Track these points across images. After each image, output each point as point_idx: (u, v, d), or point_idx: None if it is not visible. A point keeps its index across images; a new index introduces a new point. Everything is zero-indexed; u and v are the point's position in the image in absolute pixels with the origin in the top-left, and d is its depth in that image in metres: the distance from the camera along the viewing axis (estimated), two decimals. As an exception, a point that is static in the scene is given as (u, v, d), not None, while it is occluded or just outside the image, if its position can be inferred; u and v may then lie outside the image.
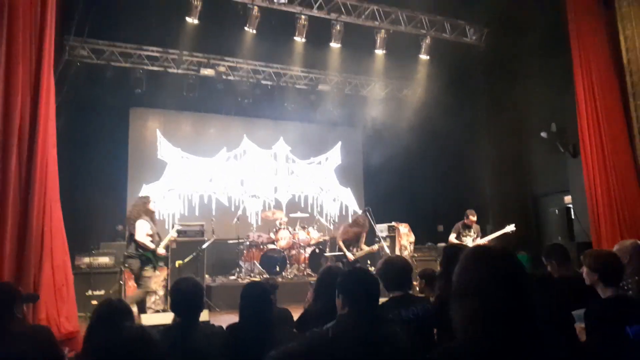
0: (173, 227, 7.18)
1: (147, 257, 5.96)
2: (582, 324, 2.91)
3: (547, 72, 8.88)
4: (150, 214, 6.15)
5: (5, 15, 4.77)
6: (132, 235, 6.04)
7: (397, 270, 3.00)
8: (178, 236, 7.40)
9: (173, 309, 2.58)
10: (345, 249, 7.08)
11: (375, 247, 7.47)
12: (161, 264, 6.78)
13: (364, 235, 7.46)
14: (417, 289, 4.67)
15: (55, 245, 4.85)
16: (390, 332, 2.04)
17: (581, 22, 7.36)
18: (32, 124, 4.79)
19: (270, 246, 9.27)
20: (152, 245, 5.91)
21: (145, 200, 6.24)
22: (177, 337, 2.29)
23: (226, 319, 5.73)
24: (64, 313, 4.76)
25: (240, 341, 2.32)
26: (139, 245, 5.91)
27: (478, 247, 1.57)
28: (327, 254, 8.48)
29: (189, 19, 8.42)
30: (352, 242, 7.31)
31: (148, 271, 5.98)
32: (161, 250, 6.07)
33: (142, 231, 5.89)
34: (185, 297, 2.53)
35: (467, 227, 7.75)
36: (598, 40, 7.28)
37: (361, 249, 7.34)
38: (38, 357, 1.93)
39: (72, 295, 5.03)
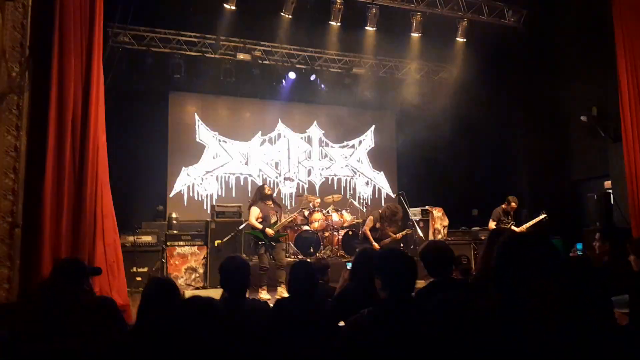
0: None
1: (258, 237, 6.85)
2: (621, 309, 2.97)
3: (588, 55, 8.63)
4: (266, 198, 7.25)
5: (57, 9, 5.03)
6: None
7: (437, 255, 3.00)
8: (218, 217, 7.86)
9: (222, 285, 2.80)
10: (371, 238, 7.14)
11: (399, 235, 7.44)
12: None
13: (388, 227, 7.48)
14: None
15: (106, 225, 5.18)
16: (421, 321, 2.13)
17: (625, 4, 7.13)
18: (83, 113, 5.07)
19: (305, 227, 9.49)
20: (259, 226, 6.96)
21: (261, 187, 7.46)
22: (226, 310, 2.50)
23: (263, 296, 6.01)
24: (115, 288, 5.11)
25: (286, 314, 2.51)
26: (252, 227, 6.99)
27: (517, 233, 1.66)
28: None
29: (226, 5, 8.58)
30: (377, 231, 7.33)
31: (261, 248, 6.97)
32: (269, 230, 6.93)
33: (252, 215, 7.07)
34: (233, 274, 2.74)
35: (507, 213, 7.68)
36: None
37: (389, 237, 7.37)
38: (106, 325, 2.16)
39: (122, 271, 5.39)
